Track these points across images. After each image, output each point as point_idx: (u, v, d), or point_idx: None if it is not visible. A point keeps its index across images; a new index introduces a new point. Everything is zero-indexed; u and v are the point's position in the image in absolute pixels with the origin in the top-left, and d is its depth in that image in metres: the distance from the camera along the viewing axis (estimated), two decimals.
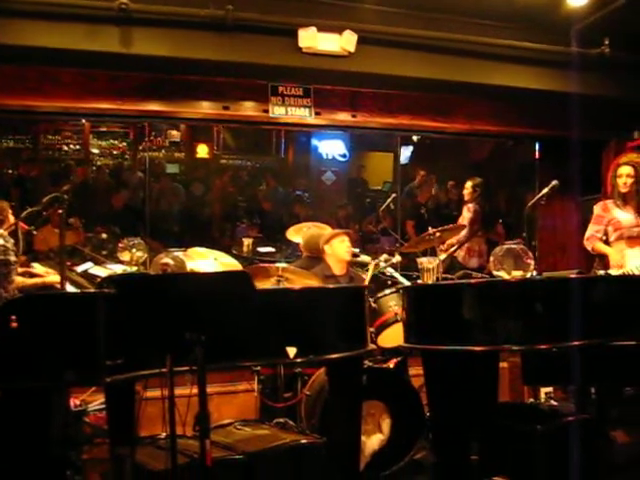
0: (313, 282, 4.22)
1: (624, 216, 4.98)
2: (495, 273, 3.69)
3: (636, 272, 4.76)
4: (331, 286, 4.08)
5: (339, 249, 4.75)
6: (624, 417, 4.79)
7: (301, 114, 5.49)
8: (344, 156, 9.58)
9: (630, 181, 4.97)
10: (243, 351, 2.89)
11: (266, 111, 5.42)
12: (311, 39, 5.02)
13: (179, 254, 3.80)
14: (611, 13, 5.38)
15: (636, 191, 5.01)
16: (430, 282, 3.82)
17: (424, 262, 3.81)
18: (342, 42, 5.15)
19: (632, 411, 4.76)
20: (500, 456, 3.96)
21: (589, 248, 5.09)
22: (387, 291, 4.50)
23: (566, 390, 5.55)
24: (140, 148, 8.76)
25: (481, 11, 5.47)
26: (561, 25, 5.70)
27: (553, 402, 5.79)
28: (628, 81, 6.25)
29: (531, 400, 5.77)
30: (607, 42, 5.83)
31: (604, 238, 5.11)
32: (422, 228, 5.81)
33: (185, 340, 2.43)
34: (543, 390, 5.88)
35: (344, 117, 5.70)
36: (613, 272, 4.76)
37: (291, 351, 2.74)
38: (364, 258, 5.08)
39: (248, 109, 5.43)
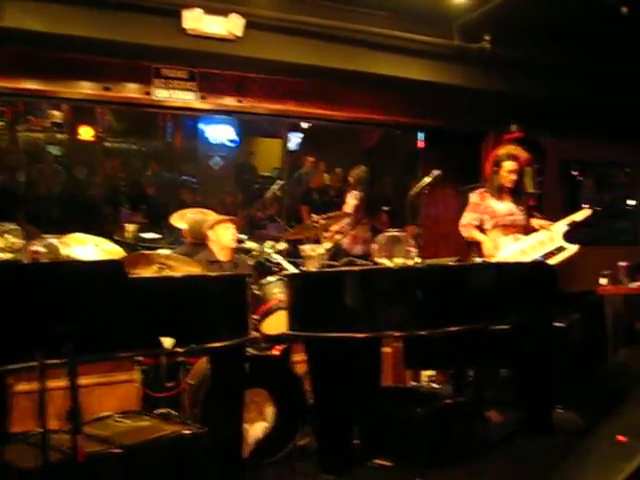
0: (196, 269, 4.12)
1: (499, 205, 5.15)
2: (377, 260, 3.73)
3: (510, 259, 4.93)
4: (212, 274, 3.99)
5: (223, 235, 4.68)
6: (498, 398, 4.99)
7: (186, 98, 5.33)
8: (233, 141, 9.46)
9: (514, 177, 5.15)
10: (120, 342, 2.79)
11: (149, 93, 5.22)
12: (196, 21, 4.87)
13: (53, 241, 3.61)
14: (492, 10, 5.53)
15: (515, 182, 5.19)
16: (313, 269, 3.81)
17: (307, 249, 3.80)
18: (229, 25, 5.03)
19: (505, 392, 4.97)
20: (382, 439, 4.05)
21: (465, 235, 5.23)
22: (271, 278, 4.47)
23: (446, 373, 5.71)
24: (18, 128, 8.30)
25: (369, 1, 5.51)
26: (445, 19, 5.83)
27: (434, 385, 5.96)
28: (507, 76, 6.47)
29: (413, 383, 5.92)
30: (487, 38, 6.00)
31: (480, 226, 5.26)
32: (316, 214, 5.81)
33: (55, 333, 2.31)
34: (425, 374, 6.04)
35: (230, 102, 5.58)
36: (488, 259, 4.92)
37: (168, 341, 2.66)
38: (250, 245, 5.03)
39: (130, 91, 5.20)
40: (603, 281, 5.98)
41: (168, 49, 5.01)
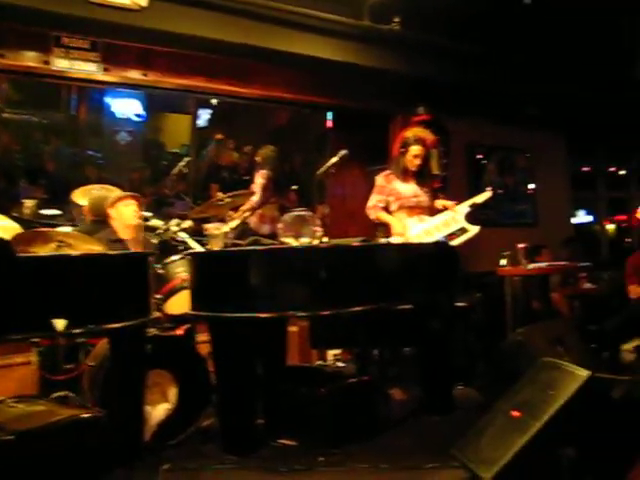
0: (97, 248, 3.97)
1: (404, 187, 5.17)
2: (283, 240, 3.69)
3: (415, 240, 4.99)
4: (112, 252, 3.86)
5: (124, 213, 4.53)
6: (402, 376, 5.08)
7: (88, 69, 5.09)
8: (140, 116, 9.16)
9: (419, 162, 5.18)
10: (10, 324, 2.65)
11: (48, 63, 4.95)
12: None
13: None
14: None
15: (420, 167, 5.24)
16: (217, 248, 3.74)
17: (211, 228, 3.73)
18: None
19: (408, 370, 5.06)
20: (286, 419, 4.04)
21: (372, 217, 5.23)
22: (175, 257, 4.37)
23: (352, 352, 5.76)
24: None
25: None
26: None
27: (339, 364, 6.01)
28: (415, 59, 6.54)
29: (319, 362, 5.95)
30: (397, 20, 6.03)
31: (386, 208, 5.30)
32: (224, 191, 5.73)
33: None
34: (331, 353, 6.08)
35: (135, 75, 5.38)
36: (394, 240, 4.96)
37: (59, 323, 2.54)
38: (155, 222, 4.89)
39: (28, 59, 4.93)
40: (503, 262, 6.16)
41: (69, 16, 4.77)
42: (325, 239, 3.75)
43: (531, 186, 8.87)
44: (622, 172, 11.08)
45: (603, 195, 10.43)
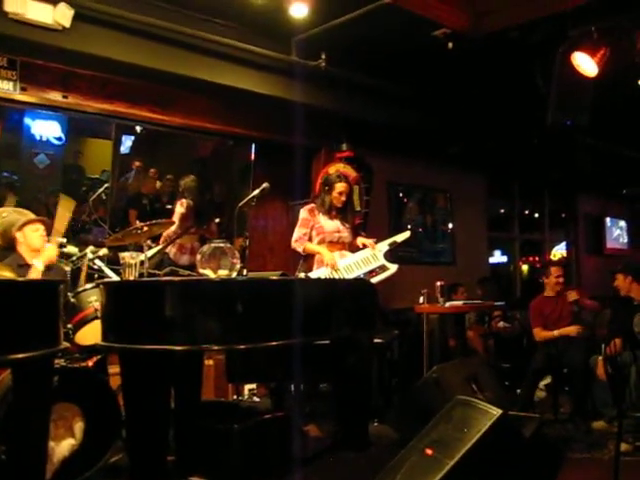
0: (6, 274, 3.82)
1: (328, 222, 5.25)
2: (201, 271, 3.63)
3: (335, 276, 5.01)
4: (17, 279, 3.70)
5: (31, 237, 4.35)
6: (317, 411, 5.04)
7: (4, 87, 4.91)
8: (60, 139, 8.92)
9: (344, 199, 5.25)
10: None
11: None
12: (19, 5, 4.51)
13: None
14: (329, 29, 5.63)
15: (344, 203, 5.29)
16: (131, 278, 3.64)
17: (126, 257, 3.62)
18: (56, 15, 4.71)
19: (323, 406, 5.03)
20: (198, 455, 3.94)
21: (299, 249, 5.25)
22: (87, 286, 4.24)
23: (268, 387, 5.69)
24: None
25: (208, 7, 5.41)
26: (284, 33, 5.87)
27: (256, 399, 5.92)
28: (340, 95, 6.64)
29: (234, 397, 5.84)
30: (324, 56, 6.10)
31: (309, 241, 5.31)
32: (145, 219, 5.61)
33: None
34: (247, 387, 5.99)
35: (55, 97, 5.23)
36: (322, 272, 4.97)
37: None
38: (70, 249, 4.74)
39: None
40: (421, 299, 6.24)
41: None
42: (244, 272, 3.70)
43: (450, 225, 9.09)
44: (536, 215, 11.50)
45: (518, 236, 10.77)
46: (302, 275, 4.84)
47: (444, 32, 5.56)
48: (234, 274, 3.58)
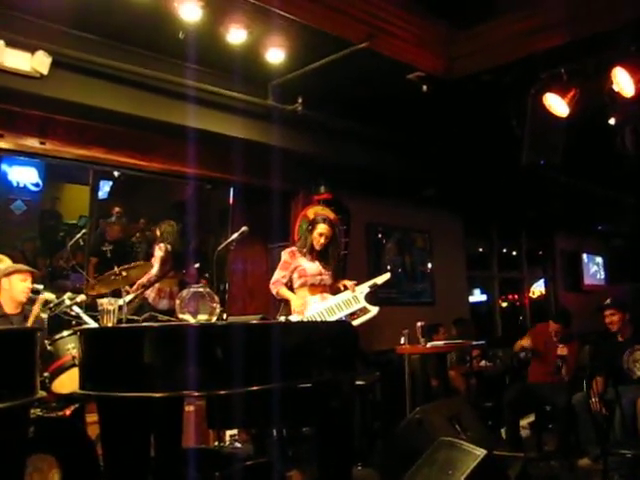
0: None
1: (309, 265, 5.23)
2: (180, 316, 3.59)
3: (317, 318, 4.99)
4: None
5: (17, 287, 4.31)
6: (300, 456, 4.97)
7: None
8: (37, 185, 8.89)
9: (325, 241, 5.25)
10: None
11: None
12: None
13: None
14: (305, 74, 5.69)
15: (326, 246, 5.29)
16: (110, 324, 3.60)
17: (104, 303, 3.58)
18: (34, 62, 4.72)
19: (306, 450, 4.96)
20: None
21: (274, 292, 5.25)
22: (65, 333, 4.18)
23: (250, 432, 5.61)
24: None
25: (185, 53, 5.43)
26: (261, 78, 5.93)
27: (237, 445, 5.83)
28: (317, 139, 6.69)
29: (216, 444, 5.74)
30: (300, 100, 6.16)
31: (289, 284, 5.30)
32: (105, 266, 5.59)
33: None
34: (228, 433, 5.90)
35: (33, 143, 5.23)
36: (294, 317, 4.94)
37: None
38: (47, 295, 4.68)
39: None
40: (402, 340, 6.22)
41: None
42: (223, 316, 3.67)
43: (429, 265, 9.12)
44: (514, 253, 11.59)
45: (496, 274, 10.83)
46: (283, 318, 4.80)
47: (418, 75, 5.66)
48: (214, 319, 3.55)
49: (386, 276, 5.46)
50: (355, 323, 4.92)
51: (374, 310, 5.10)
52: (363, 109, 6.44)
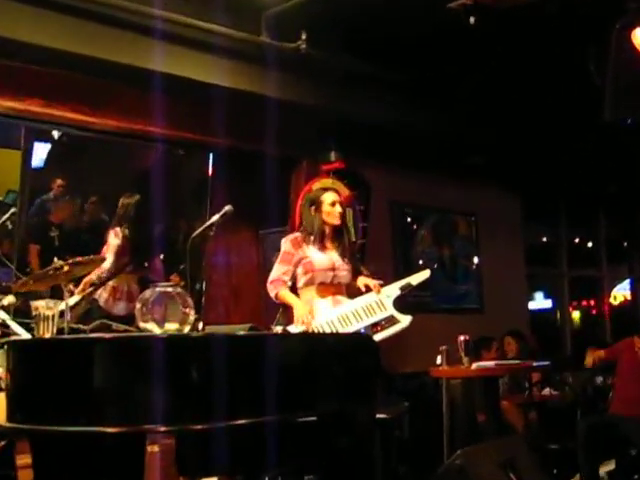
0: None
1: (319, 256, 5.17)
2: (142, 325, 3.60)
3: (326, 329, 4.99)
4: None
5: None
6: None
7: None
8: None
9: (340, 211, 5.21)
10: None
11: None
12: None
13: None
14: (310, 1, 5.68)
15: (342, 224, 5.29)
16: (48, 335, 3.62)
17: (40, 307, 3.60)
18: None
19: None
20: None
21: (272, 294, 5.20)
22: None
23: None
24: None
25: None
26: (252, 8, 5.91)
27: None
28: (327, 88, 6.66)
29: None
30: (304, 36, 6.13)
31: (289, 283, 5.28)
32: (52, 256, 5.57)
33: None
34: None
35: None
36: (295, 328, 4.94)
37: None
38: None
39: None
40: (439, 360, 6.22)
41: None
42: (199, 325, 3.68)
43: (475, 260, 9.11)
44: (589, 244, 11.57)
45: (566, 272, 10.81)
46: (279, 329, 4.80)
47: (463, 3, 5.62)
48: (186, 328, 3.55)
49: (424, 274, 5.43)
50: (378, 337, 4.91)
51: (405, 320, 5.07)
52: (389, 49, 6.41)
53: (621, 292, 12.09)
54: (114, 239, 6.67)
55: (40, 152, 8.79)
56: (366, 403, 4.48)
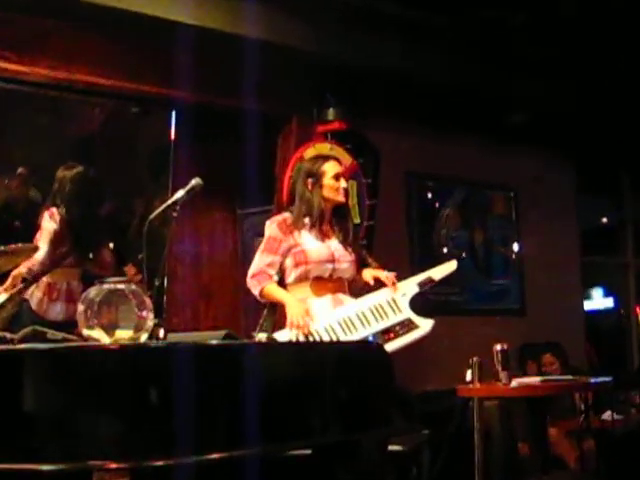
0: None
1: (314, 244, 5.20)
2: (86, 332, 3.62)
3: (324, 336, 4.99)
4: None
5: None
6: None
7: None
8: None
9: (345, 185, 5.21)
10: None
11: None
12: None
13: None
14: None
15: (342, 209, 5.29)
16: None
17: None
18: None
19: None
20: None
21: (255, 292, 5.20)
22: None
23: None
24: None
25: None
26: None
27: None
28: (324, 26, 6.67)
29: None
30: None
31: (276, 277, 5.28)
32: None
33: None
34: None
35: None
36: (285, 335, 4.95)
37: None
38: None
39: None
40: (468, 375, 6.23)
41: None
42: (160, 333, 3.69)
43: (516, 247, 9.12)
44: None
45: (632, 262, 10.82)
46: (263, 337, 4.81)
47: None
48: (143, 337, 3.57)
49: (450, 266, 5.44)
50: (391, 347, 4.92)
51: (425, 325, 5.08)
52: None
53: None
54: (49, 223, 6.65)
55: None
56: (375, 431, 4.51)
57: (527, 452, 6.92)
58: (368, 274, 5.28)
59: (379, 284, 5.21)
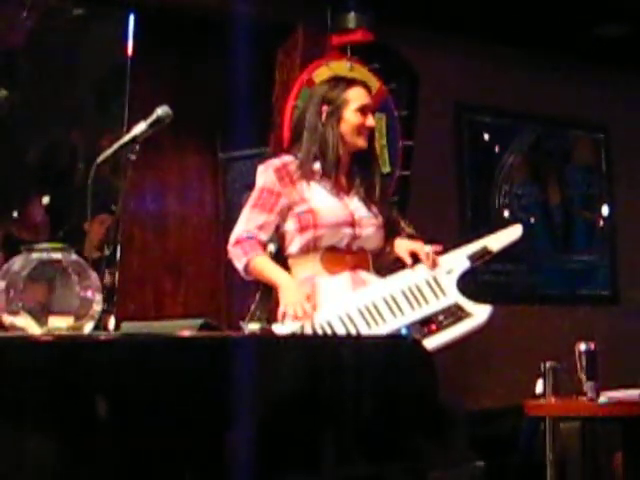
0: None
1: (328, 201, 5.20)
2: (7, 320, 3.62)
3: (339, 329, 4.98)
4: None
5: None
6: None
7: None
8: None
9: (372, 124, 5.24)
10: None
11: None
12: None
13: None
14: None
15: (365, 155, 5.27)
16: None
17: None
18: None
19: None
20: None
21: (239, 265, 5.20)
22: None
23: None
24: None
25: None
26: None
27: None
28: None
29: None
30: None
31: (272, 247, 5.28)
32: None
33: None
34: None
35: None
36: (283, 327, 4.92)
37: None
38: None
39: None
40: (539, 386, 6.22)
41: None
42: (111, 320, 3.67)
43: (605, 209, 9.11)
44: None
45: None
46: (254, 329, 4.78)
47: None
48: (88, 326, 3.55)
49: (514, 233, 5.46)
50: (433, 343, 4.91)
51: (480, 314, 5.09)
52: None
53: None
54: None
55: None
56: (410, 462, 4.50)
57: None
58: (402, 247, 5.28)
59: (417, 259, 5.20)
